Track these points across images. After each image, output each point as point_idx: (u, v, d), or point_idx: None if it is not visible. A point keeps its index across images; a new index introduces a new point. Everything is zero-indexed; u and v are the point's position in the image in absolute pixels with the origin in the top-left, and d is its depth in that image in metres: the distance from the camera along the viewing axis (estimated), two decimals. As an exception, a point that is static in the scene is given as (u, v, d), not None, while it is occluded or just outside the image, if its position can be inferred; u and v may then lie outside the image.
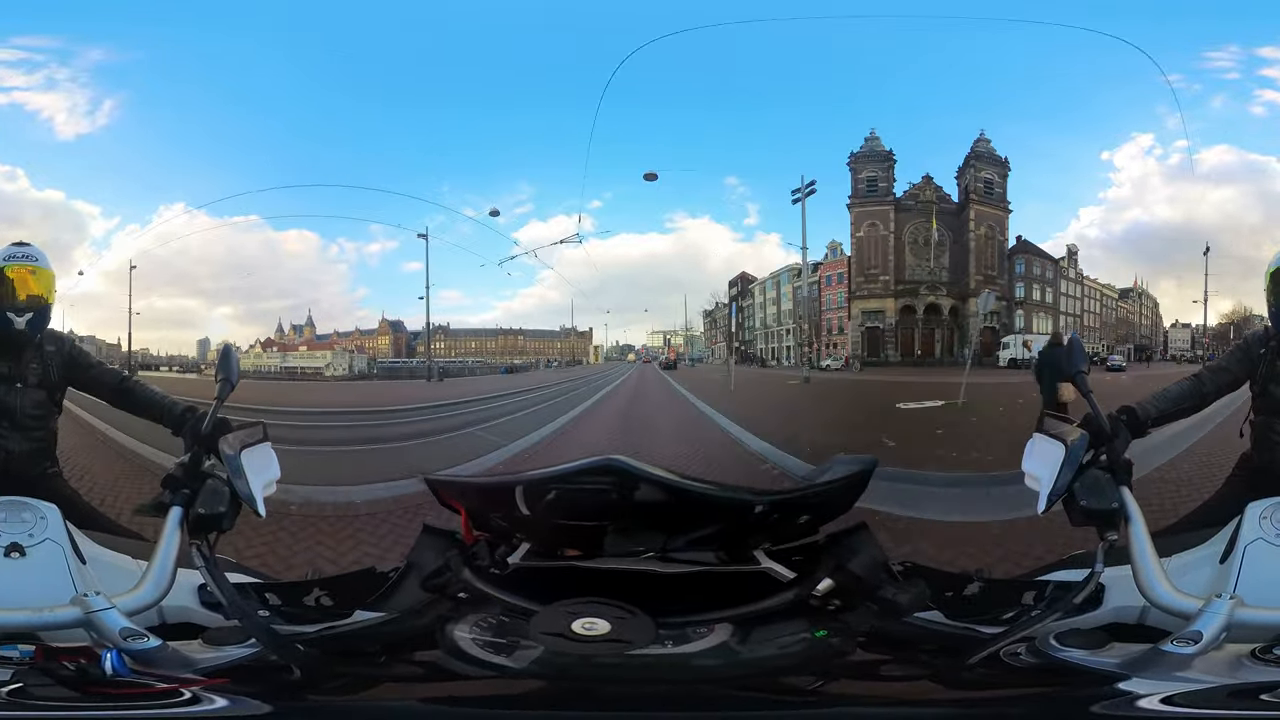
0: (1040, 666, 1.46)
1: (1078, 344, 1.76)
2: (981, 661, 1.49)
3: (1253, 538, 1.57)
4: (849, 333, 13.64)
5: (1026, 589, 1.85)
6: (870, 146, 12.23)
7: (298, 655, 1.52)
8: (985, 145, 12.21)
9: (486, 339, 14.30)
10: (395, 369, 13.04)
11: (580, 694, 1.47)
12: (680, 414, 11.18)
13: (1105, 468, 1.60)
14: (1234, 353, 2.49)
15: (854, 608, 1.77)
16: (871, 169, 12.29)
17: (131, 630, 1.41)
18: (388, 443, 8.91)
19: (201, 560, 1.55)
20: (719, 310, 16.74)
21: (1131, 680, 1.35)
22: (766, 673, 1.60)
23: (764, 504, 1.94)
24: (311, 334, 12.53)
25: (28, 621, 1.44)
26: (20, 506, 1.65)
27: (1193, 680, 1.34)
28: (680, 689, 1.50)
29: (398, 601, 1.82)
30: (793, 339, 15.23)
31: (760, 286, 16.25)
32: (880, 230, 12.50)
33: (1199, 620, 1.38)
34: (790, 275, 14.67)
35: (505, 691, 1.51)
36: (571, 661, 1.49)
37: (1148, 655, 1.40)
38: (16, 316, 2.33)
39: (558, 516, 1.83)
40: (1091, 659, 1.44)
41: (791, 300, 14.90)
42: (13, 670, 1.38)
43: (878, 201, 12.33)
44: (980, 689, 1.51)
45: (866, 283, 12.79)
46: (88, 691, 1.36)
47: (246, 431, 1.72)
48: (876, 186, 12.33)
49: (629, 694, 1.47)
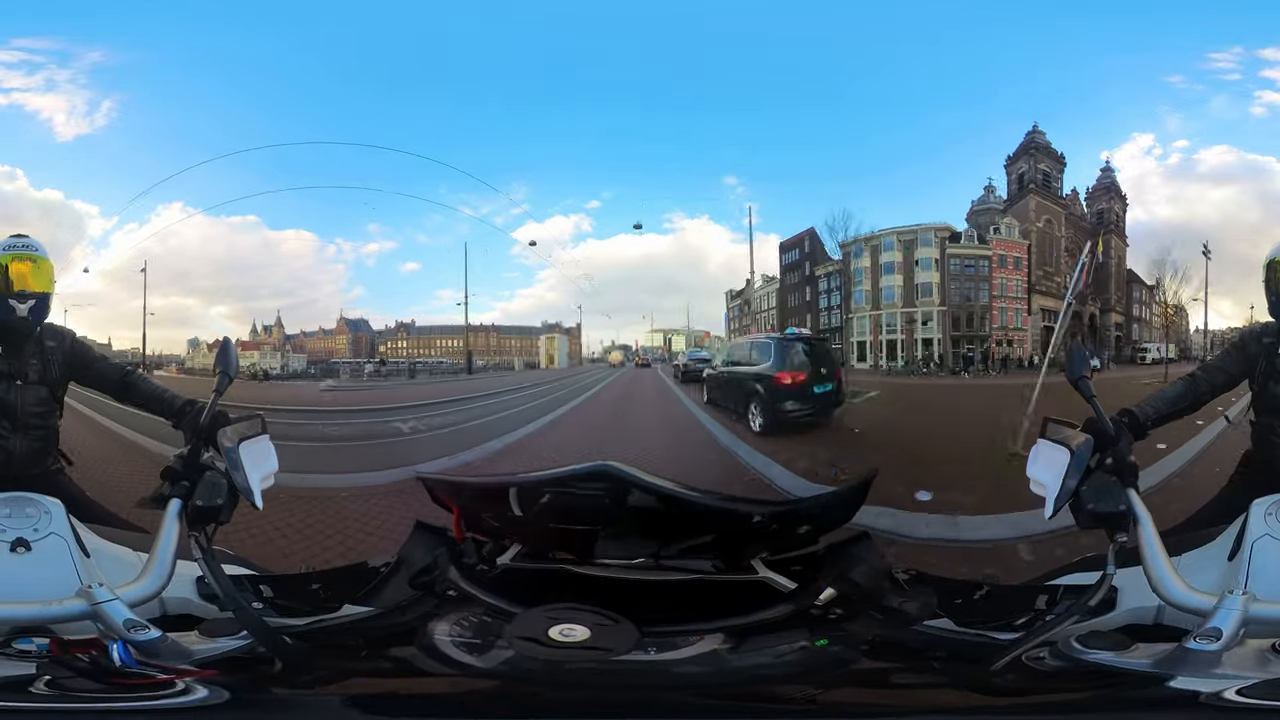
0: (1067, 670, 1.44)
1: (1079, 350, 1.76)
2: (1005, 667, 1.47)
3: (1259, 534, 1.58)
4: (1028, 329, 11.48)
5: (1037, 594, 1.82)
6: (1036, 139, 11.80)
7: (284, 648, 1.54)
8: (1110, 177, 12.15)
9: (457, 337, 13.25)
10: (334, 369, 12.88)
11: (542, 699, 1.45)
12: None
13: (1111, 470, 1.59)
14: (1229, 352, 2.44)
15: (857, 617, 1.74)
16: (1046, 164, 11.88)
17: (135, 622, 1.44)
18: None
19: (199, 552, 1.57)
20: (758, 289, 12.77)
21: (1178, 679, 1.36)
22: (759, 681, 1.57)
23: (762, 514, 1.91)
24: (280, 334, 12.68)
25: (38, 615, 1.46)
26: (25, 502, 1.67)
27: (1231, 677, 1.34)
28: (653, 695, 1.47)
29: (386, 597, 1.82)
30: (940, 328, 11.04)
31: (869, 247, 11.46)
32: (1055, 231, 12.09)
33: (1215, 617, 1.39)
34: (938, 237, 11.07)
35: (468, 690, 1.51)
36: (539, 666, 1.47)
37: (1178, 654, 1.39)
38: (19, 304, 2.30)
39: (550, 519, 1.83)
40: (1121, 660, 1.43)
41: (940, 273, 11.01)
42: (34, 663, 1.42)
43: (1054, 199, 11.93)
44: (1008, 695, 1.49)
45: (1044, 278, 12.06)
46: (103, 683, 1.40)
47: (245, 424, 1.74)
48: (1050, 184, 11.96)
49: (596, 699, 1.45)
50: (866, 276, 11.71)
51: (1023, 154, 11.90)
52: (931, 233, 11.31)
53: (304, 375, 12.13)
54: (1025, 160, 11.87)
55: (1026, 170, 11.88)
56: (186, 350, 12.06)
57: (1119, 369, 11.93)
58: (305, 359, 12.50)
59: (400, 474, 5.51)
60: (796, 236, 12.39)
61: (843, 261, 11.96)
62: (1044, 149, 11.87)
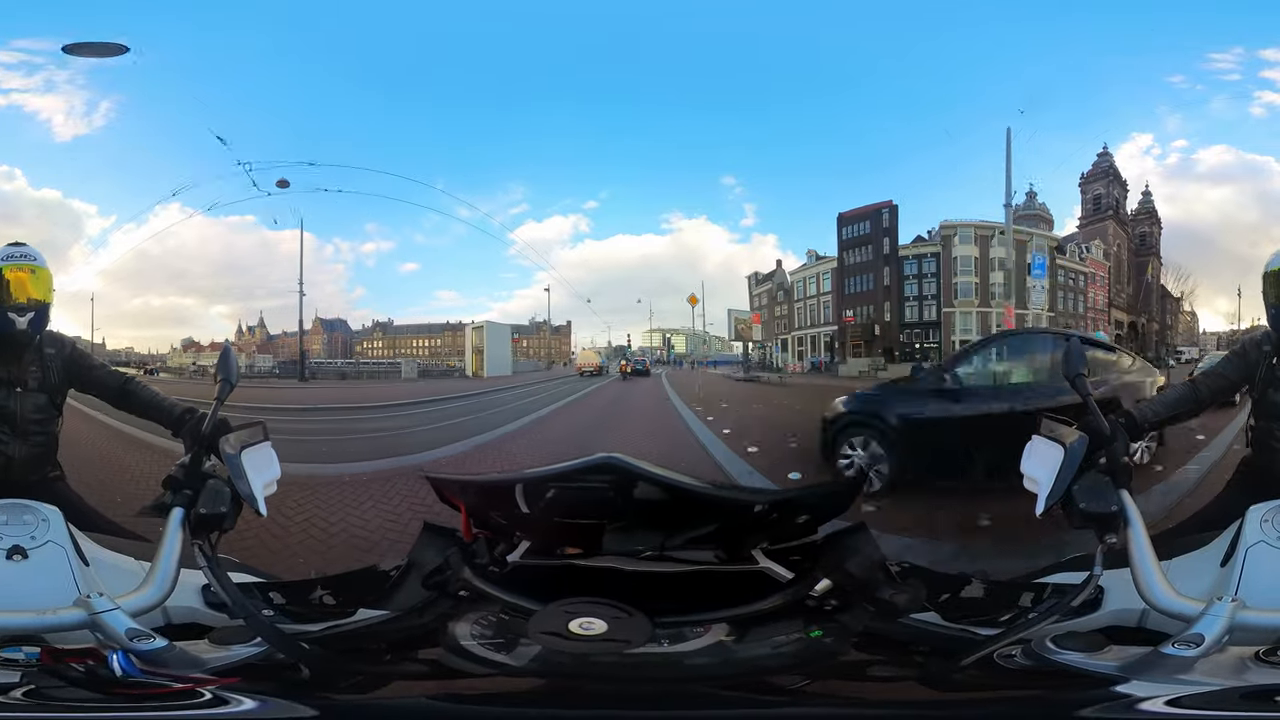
0: (1033, 669, 1.45)
1: (1076, 347, 1.75)
2: (974, 663, 1.48)
3: (1254, 540, 1.57)
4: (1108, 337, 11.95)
5: (1025, 591, 1.84)
6: (1108, 164, 12.31)
7: (305, 654, 1.53)
8: (1150, 202, 13.05)
9: (434, 335, 12.96)
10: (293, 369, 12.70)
11: (577, 692, 1.49)
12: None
13: (1105, 470, 1.59)
14: (1230, 358, 2.47)
15: (851, 608, 1.77)
16: (1117, 191, 12.65)
17: (138, 631, 1.41)
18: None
19: (204, 560, 1.55)
20: (797, 270, 10.94)
21: (1130, 683, 1.34)
22: (757, 672, 1.61)
23: (763, 504, 1.95)
24: (263, 335, 12.37)
25: (32, 624, 1.42)
26: (22, 509, 1.65)
27: (1196, 683, 1.33)
28: (673, 688, 1.52)
29: (400, 600, 1.83)
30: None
31: (979, 236, 10.28)
32: (1122, 253, 12.98)
33: (1200, 623, 1.37)
34: (1049, 246, 10.61)
35: (506, 689, 1.53)
36: (568, 660, 1.50)
37: (1148, 658, 1.39)
38: (18, 317, 2.29)
39: (557, 514, 1.84)
40: (1088, 662, 1.43)
41: (1050, 280, 10.58)
42: (20, 672, 1.37)
43: (1123, 225, 12.83)
44: (968, 690, 1.51)
45: (1119, 293, 13.23)
46: (100, 692, 1.36)
47: (247, 432, 1.71)
48: (1119, 210, 12.63)
49: (623, 692, 1.49)
50: (975, 268, 10.98)
51: (1099, 177, 12.65)
52: (1045, 241, 11.35)
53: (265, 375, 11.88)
54: (1101, 184, 12.63)
55: (1103, 194, 12.67)
56: (169, 350, 11.63)
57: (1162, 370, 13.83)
58: (273, 359, 12.23)
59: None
60: (867, 208, 11.17)
61: (942, 245, 11.11)
62: (1115, 175, 12.57)
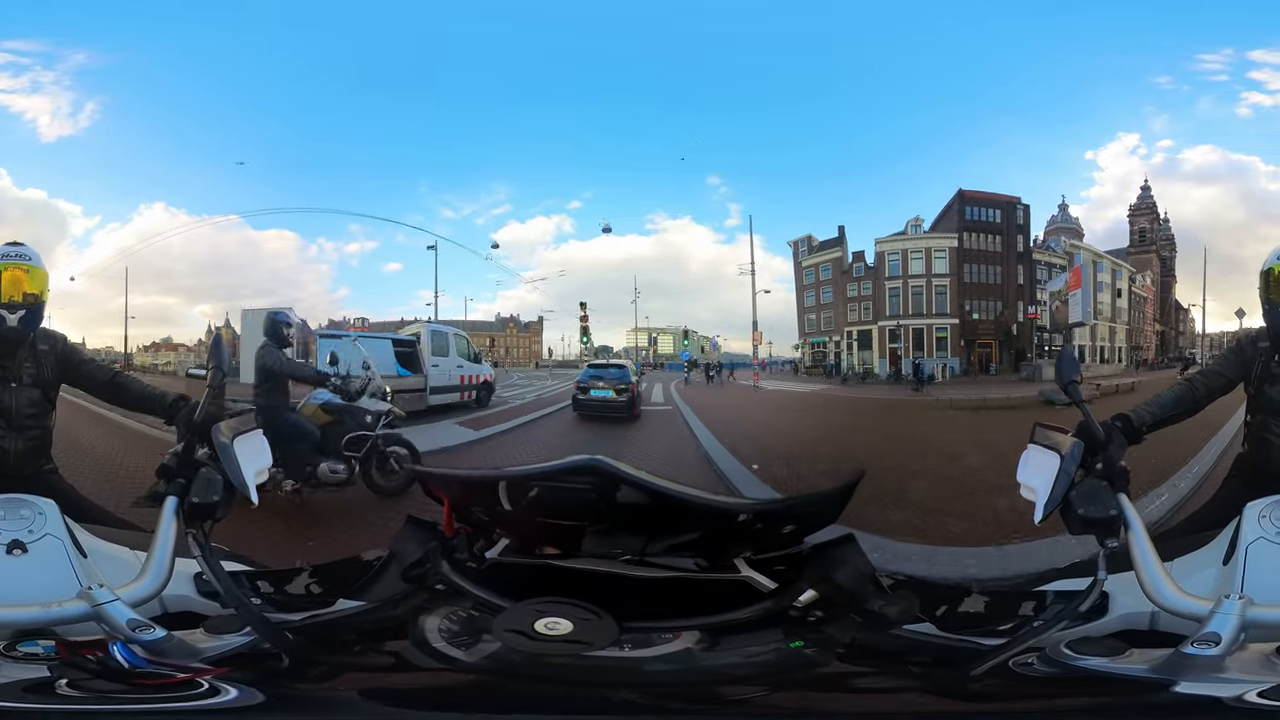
0: (1059, 676, 1.43)
1: (1069, 355, 1.77)
2: (988, 672, 1.46)
3: (1254, 537, 1.57)
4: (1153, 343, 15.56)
5: (1025, 600, 1.82)
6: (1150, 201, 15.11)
7: (287, 643, 1.57)
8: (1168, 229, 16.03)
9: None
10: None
11: (524, 693, 1.48)
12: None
13: (1102, 475, 1.59)
14: (1226, 356, 2.44)
15: (837, 619, 1.74)
16: (1159, 226, 15.94)
17: (139, 621, 1.45)
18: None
19: (198, 549, 1.59)
20: (883, 244, 11.04)
21: (1182, 684, 1.34)
22: (725, 681, 1.58)
23: (747, 513, 1.92)
24: (229, 334, 12.43)
25: (38, 617, 1.45)
26: (19, 504, 1.67)
27: (1239, 681, 1.33)
28: (629, 693, 1.49)
29: (378, 591, 1.86)
30: (1125, 340, 15.03)
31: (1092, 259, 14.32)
32: (1157, 276, 16.09)
33: (1212, 622, 1.37)
34: (1124, 271, 14.41)
35: (448, 684, 1.53)
36: (521, 660, 1.50)
37: (1177, 660, 1.37)
38: (9, 314, 2.36)
39: (538, 514, 1.84)
40: (1118, 666, 1.41)
41: (1127, 301, 14.66)
42: (45, 665, 1.43)
43: (1161, 256, 16.02)
44: (989, 700, 1.49)
45: (1164, 313, 16.38)
46: (119, 683, 1.41)
47: (239, 420, 1.75)
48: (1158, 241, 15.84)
49: (573, 695, 1.48)
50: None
51: (1145, 212, 15.50)
52: (1123, 264, 15.14)
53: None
54: (1146, 219, 15.59)
55: (1147, 229, 15.65)
56: (135, 349, 11.80)
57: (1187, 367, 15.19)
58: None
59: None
60: (997, 195, 13.22)
61: (1067, 258, 14.49)
62: (1151, 208, 15.38)
